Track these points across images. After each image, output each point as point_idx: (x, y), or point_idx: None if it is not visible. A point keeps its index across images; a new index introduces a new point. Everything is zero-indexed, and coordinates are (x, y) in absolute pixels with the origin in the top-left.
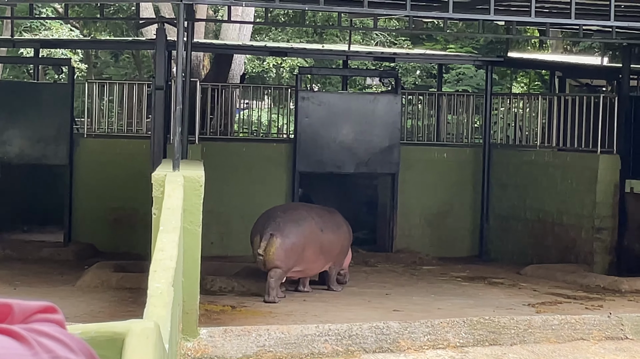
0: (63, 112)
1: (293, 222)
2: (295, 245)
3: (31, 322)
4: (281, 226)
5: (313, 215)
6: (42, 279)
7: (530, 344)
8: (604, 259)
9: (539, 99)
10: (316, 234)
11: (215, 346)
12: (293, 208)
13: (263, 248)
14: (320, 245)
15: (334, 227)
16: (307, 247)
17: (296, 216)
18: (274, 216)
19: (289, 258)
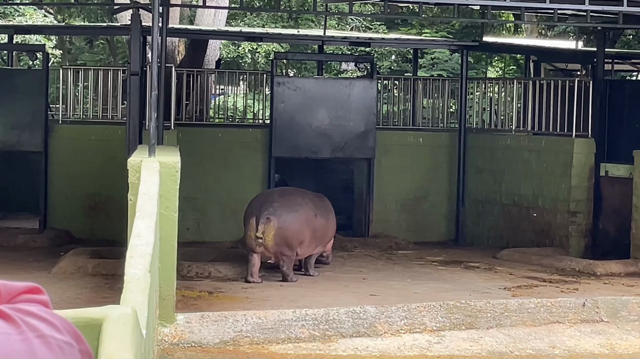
0: (38, 99)
1: (290, 208)
2: (293, 228)
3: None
4: (278, 211)
5: (307, 201)
6: (17, 266)
7: (507, 327)
8: (579, 242)
9: (514, 83)
10: (311, 219)
11: (192, 332)
12: (289, 193)
13: (261, 232)
14: (314, 229)
15: (325, 213)
16: (303, 230)
17: (292, 201)
18: (269, 200)
19: (288, 241)
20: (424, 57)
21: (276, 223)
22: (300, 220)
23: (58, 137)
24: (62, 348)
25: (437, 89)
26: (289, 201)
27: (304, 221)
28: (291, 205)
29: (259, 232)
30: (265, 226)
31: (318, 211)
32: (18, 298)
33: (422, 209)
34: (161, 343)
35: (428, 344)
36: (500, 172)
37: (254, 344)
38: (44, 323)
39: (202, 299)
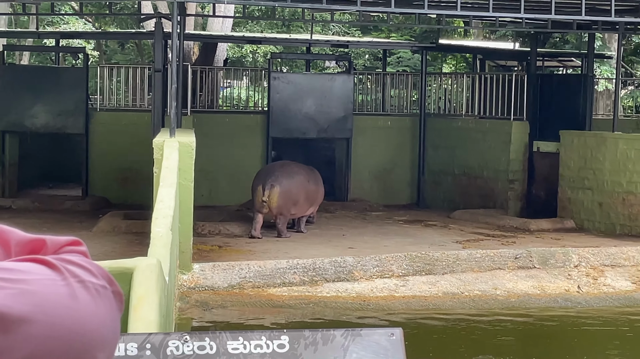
0: (79, 91)
1: (288, 175)
2: (291, 193)
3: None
4: (280, 178)
5: (301, 171)
6: (64, 226)
7: (458, 273)
8: (516, 205)
9: (464, 77)
10: (305, 185)
11: (205, 278)
12: (287, 165)
13: (267, 196)
14: (307, 193)
15: (315, 181)
16: (299, 194)
17: (290, 171)
18: (272, 171)
19: (287, 203)
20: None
21: (278, 189)
22: (296, 186)
23: (96, 122)
24: (98, 291)
25: (402, 82)
26: (287, 171)
27: (300, 187)
28: (289, 174)
29: (265, 196)
30: (270, 191)
31: (310, 179)
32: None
33: (390, 178)
34: (181, 287)
35: (395, 287)
36: (452, 149)
37: (256, 288)
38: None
39: (214, 252)
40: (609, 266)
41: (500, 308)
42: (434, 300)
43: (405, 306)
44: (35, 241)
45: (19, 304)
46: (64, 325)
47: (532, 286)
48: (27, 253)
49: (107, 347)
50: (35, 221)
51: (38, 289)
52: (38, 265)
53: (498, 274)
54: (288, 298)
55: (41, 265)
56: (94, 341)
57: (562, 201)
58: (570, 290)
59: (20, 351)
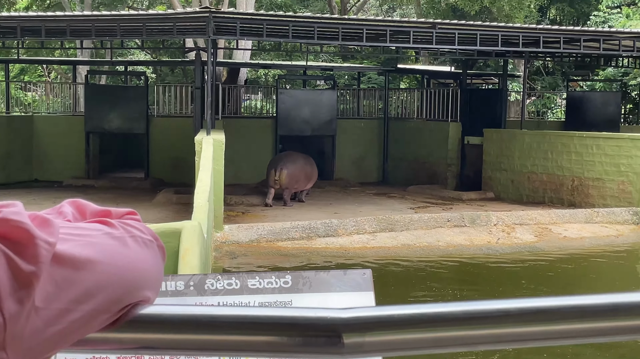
0: (142, 103)
1: (292, 161)
2: (295, 172)
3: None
4: (287, 163)
5: (301, 158)
6: (133, 198)
7: (412, 230)
8: (453, 182)
9: (415, 91)
10: (304, 167)
11: (233, 235)
12: (290, 154)
13: (278, 176)
14: (306, 173)
15: (311, 164)
16: (300, 174)
17: (293, 158)
18: (281, 159)
19: (292, 180)
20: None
21: (286, 171)
22: (298, 168)
23: (154, 125)
24: (145, 243)
25: (372, 95)
26: (292, 159)
27: (301, 169)
28: (293, 160)
29: (277, 176)
30: (280, 172)
31: (307, 163)
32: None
33: (363, 163)
34: (215, 241)
35: (367, 241)
36: (407, 142)
37: (269, 242)
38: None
39: (238, 217)
40: (519, 224)
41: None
42: (395, 250)
43: (375, 254)
44: (104, 211)
45: (86, 250)
46: (118, 265)
47: (464, 239)
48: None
49: (152, 285)
50: (111, 196)
51: (99, 241)
52: (102, 225)
53: (440, 231)
54: (291, 249)
55: (104, 225)
56: (142, 279)
57: (485, 179)
58: (491, 241)
59: (87, 282)
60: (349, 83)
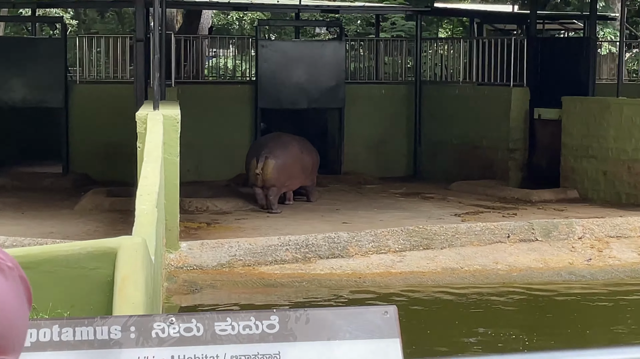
0: (58, 63)
1: (282, 146)
2: (286, 164)
3: None
4: (273, 150)
5: (294, 142)
6: (45, 204)
7: (457, 247)
8: (517, 175)
9: (460, 42)
10: (299, 155)
11: (194, 257)
12: (278, 136)
13: (260, 168)
14: (302, 164)
15: (309, 151)
16: (294, 165)
17: (283, 142)
18: (265, 143)
19: (281, 175)
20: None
21: (273, 161)
22: (291, 156)
23: (76, 95)
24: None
25: (396, 49)
26: (281, 143)
27: (294, 158)
28: (283, 145)
29: (258, 169)
30: (264, 163)
31: (304, 149)
32: None
33: (385, 149)
34: (168, 266)
35: (392, 263)
36: (450, 118)
37: (246, 266)
38: None
39: (202, 229)
40: (614, 237)
41: (501, 282)
42: (432, 276)
43: (403, 283)
44: None
45: None
46: None
47: (534, 259)
48: None
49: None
50: (15, 200)
51: None
52: None
53: (499, 247)
54: (280, 276)
55: None
56: None
57: (564, 170)
58: (574, 263)
59: None
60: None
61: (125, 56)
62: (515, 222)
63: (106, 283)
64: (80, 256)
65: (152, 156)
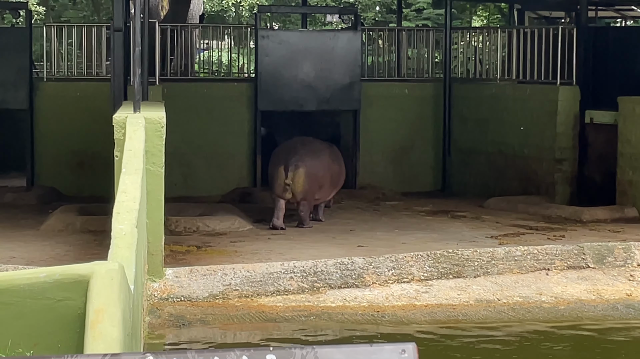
0: (22, 56)
1: (313, 154)
2: (318, 174)
3: None
4: (304, 158)
5: (325, 149)
6: (6, 224)
7: (494, 275)
8: (565, 190)
9: (498, 32)
10: (330, 164)
11: (181, 286)
12: (309, 142)
13: (290, 178)
14: (332, 174)
15: (338, 160)
16: (325, 176)
17: (314, 150)
18: (293, 149)
19: (312, 187)
20: (408, 7)
21: (303, 170)
22: (323, 166)
23: (43, 95)
24: None
25: (422, 40)
26: (312, 149)
27: (326, 167)
28: (314, 153)
29: (288, 179)
30: (294, 173)
31: (334, 158)
32: None
33: (408, 160)
34: (150, 297)
35: (416, 294)
36: (485, 121)
37: (243, 298)
38: None
39: (191, 253)
40: None
41: (547, 318)
42: (464, 309)
43: (429, 317)
44: None
45: None
46: None
47: (585, 290)
48: None
49: None
50: None
51: None
52: None
53: (543, 276)
54: (283, 310)
55: None
56: None
57: (621, 184)
58: (633, 294)
59: None
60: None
61: (100, 49)
62: (563, 246)
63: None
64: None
65: (132, 167)
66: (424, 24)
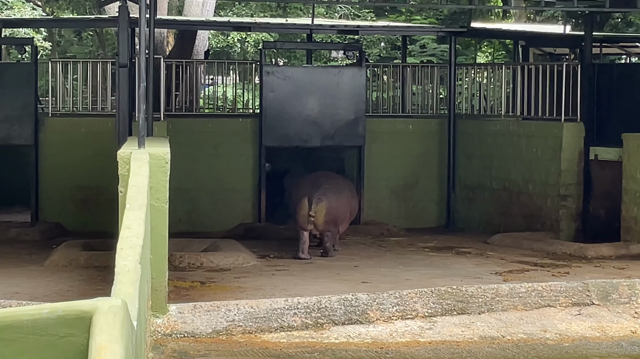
0: (27, 92)
1: (337, 190)
2: (339, 208)
3: None
4: (328, 193)
5: (346, 184)
6: (10, 259)
7: (498, 312)
8: (569, 226)
9: (502, 69)
10: (350, 199)
11: (185, 322)
12: (332, 177)
13: (314, 211)
14: (352, 209)
15: (355, 195)
16: (346, 209)
17: (337, 184)
18: (317, 183)
19: (335, 217)
20: (414, 44)
21: (327, 203)
22: (344, 200)
23: (48, 130)
24: None
25: (427, 76)
26: (335, 184)
27: (347, 202)
28: (337, 187)
29: (312, 211)
30: (318, 205)
31: (351, 191)
32: None
33: (412, 195)
34: (154, 334)
35: (420, 330)
36: (490, 157)
37: (247, 334)
38: None
39: (195, 289)
40: None
41: (551, 355)
42: (468, 346)
43: (433, 354)
44: None
45: None
46: None
47: (590, 327)
48: None
49: None
50: None
51: None
52: None
53: (548, 313)
54: (287, 346)
55: None
56: None
57: (626, 221)
58: (637, 331)
59: None
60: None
61: (106, 84)
62: (568, 283)
63: (79, 353)
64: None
65: (136, 203)
66: (428, 60)
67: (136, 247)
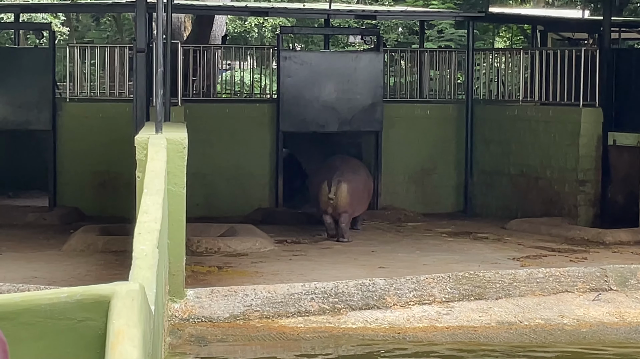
0: (45, 77)
1: (354, 172)
2: (358, 189)
3: None
4: (345, 174)
5: (362, 167)
6: (28, 244)
7: (515, 297)
8: (587, 212)
9: (521, 54)
10: (367, 180)
11: (202, 307)
12: (348, 161)
13: (334, 193)
14: (369, 190)
15: (370, 176)
16: (364, 191)
17: (354, 167)
18: (335, 167)
19: (354, 200)
20: (432, 29)
21: (346, 185)
22: (362, 182)
23: (66, 115)
24: None
25: (444, 61)
26: (352, 167)
27: (364, 183)
28: (354, 169)
29: (332, 194)
30: (337, 188)
31: (368, 175)
32: None
33: (430, 181)
34: (171, 318)
35: (437, 316)
36: (507, 143)
37: (264, 319)
38: None
39: (212, 274)
40: None
41: (569, 340)
42: (486, 331)
43: (450, 339)
44: None
45: None
46: None
47: (607, 312)
48: None
49: None
50: None
51: None
52: None
53: (565, 298)
54: (304, 331)
55: None
56: None
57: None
58: None
59: None
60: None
61: (123, 69)
62: (585, 268)
63: (97, 337)
64: (66, 305)
65: (154, 187)
66: (446, 45)
67: (154, 232)
